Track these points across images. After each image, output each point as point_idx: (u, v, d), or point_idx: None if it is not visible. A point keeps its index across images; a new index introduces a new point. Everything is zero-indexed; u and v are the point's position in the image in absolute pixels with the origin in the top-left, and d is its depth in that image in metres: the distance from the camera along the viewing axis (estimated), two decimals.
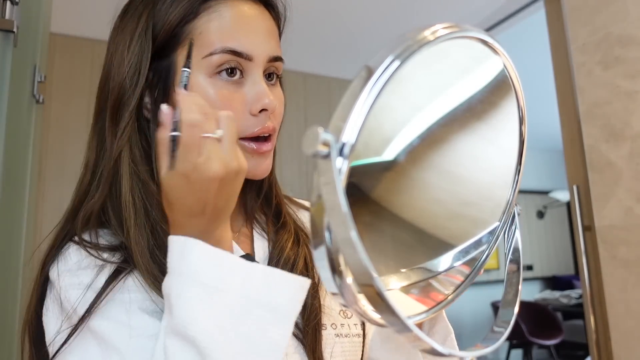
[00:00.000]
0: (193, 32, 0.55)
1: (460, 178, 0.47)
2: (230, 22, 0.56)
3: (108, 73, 0.59)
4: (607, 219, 1.44)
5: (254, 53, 0.56)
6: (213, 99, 0.54)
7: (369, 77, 0.33)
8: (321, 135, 0.32)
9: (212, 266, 0.45)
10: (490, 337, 0.44)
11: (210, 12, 0.56)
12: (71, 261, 0.53)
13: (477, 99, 0.45)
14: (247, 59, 0.55)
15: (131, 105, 0.56)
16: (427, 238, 0.46)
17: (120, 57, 0.57)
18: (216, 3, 0.56)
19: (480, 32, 0.42)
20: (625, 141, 1.39)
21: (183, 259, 0.46)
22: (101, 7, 2.32)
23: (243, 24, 0.56)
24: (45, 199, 2.30)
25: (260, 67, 0.57)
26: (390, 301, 0.31)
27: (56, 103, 2.53)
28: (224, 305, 0.44)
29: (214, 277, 0.45)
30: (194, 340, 0.43)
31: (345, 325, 0.62)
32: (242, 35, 0.56)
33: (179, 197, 0.46)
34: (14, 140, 1.04)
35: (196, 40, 0.55)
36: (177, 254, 0.46)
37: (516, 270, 0.49)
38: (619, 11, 1.41)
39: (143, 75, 0.56)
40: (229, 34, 0.55)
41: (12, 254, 1.09)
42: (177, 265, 0.46)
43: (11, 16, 0.95)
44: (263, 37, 0.57)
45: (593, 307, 1.57)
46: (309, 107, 3.28)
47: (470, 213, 0.49)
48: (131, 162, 0.56)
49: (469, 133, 0.45)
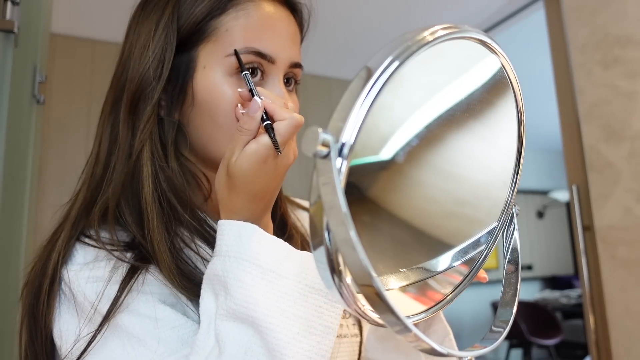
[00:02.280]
0: (219, 28, 0.54)
1: (456, 177, 0.47)
2: (257, 22, 0.55)
3: (126, 63, 0.57)
4: (606, 219, 1.44)
5: (277, 56, 0.55)
6: (230, 98, 0.53)
7: (368, 77, 0.34)
8: (321, 135, 0.32)
9: (269, 251, 0.47)
10: (489, 337, 0.44)
11: (239, 10, 0.55)
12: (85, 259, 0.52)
13: (473, 98, 0.45)
14: (269, 62, 0.55)
15: (154, 98, 0.55)
16: (425, 237, 0.46)
17: (143, 47, 0.56)
18: (244, 0, 0.56)
19: (480, 33, 0.42)
20: (625, 141, 1.39)
21: (241, 243, 0.47)
22: (101, 7, 2.33)
23: (269, 26, 0.56)
24: (45, 199, 2.30)
25: (281, 71, 0.56)
26: (389, 301, 0.31)
27: (56, 103, 2.53)
28: (282, 289, 0.46)
29: (272, 261, 0.46)
30: (255, 321, 0.44)
31: (344, 325, 0.62)
32: (267, 37, 0.55)
33: (249, 181, 0.48)
34: (14, 141, 1.04)
35: (221, 37, 0.54)
36: (233, 237, 0.47)
37: (515, 270, 0.50)
38: (618, 11, 1.41)
39: (167, 68, 0.55)
40: (254, 34, 0.54)
41: (12, 254, 1.09)
42: (235, 248, 0.47)
43: (12, 17, 0.95)
44: (287, 42, 0.57)
45: (593, 307, 1.57)
46: (309, 107, 3.28)
47: (466, 212, 0.50)
48: (153, 158, 0.54)
49: (465, 132, 0.46)
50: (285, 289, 0.46)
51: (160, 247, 0.51)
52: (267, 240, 0.48)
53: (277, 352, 0.43)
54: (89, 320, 0.49)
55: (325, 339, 0.46)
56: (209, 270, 0.48)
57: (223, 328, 0.45)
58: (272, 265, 0.46)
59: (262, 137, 0.47)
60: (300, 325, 0.45)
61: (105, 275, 0.50)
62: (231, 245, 0.47)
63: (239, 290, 0.45)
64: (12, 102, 0.98)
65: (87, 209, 0.56)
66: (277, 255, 0.47)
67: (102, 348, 0.48)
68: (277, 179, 0.49)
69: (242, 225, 0.48)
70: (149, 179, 0.54)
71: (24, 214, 1.16)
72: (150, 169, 0.54)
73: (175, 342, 0.48)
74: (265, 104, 0.48)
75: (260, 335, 0.44)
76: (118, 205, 0.55)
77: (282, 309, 0.45)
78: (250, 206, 0.49)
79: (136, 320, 0.48)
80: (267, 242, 0.47)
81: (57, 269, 0.52)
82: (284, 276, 0.46)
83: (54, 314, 0.51)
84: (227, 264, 0.46)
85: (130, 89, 0.55)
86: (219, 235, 0.48)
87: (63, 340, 0.50)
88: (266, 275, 0.46)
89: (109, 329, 0.48)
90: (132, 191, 0.55)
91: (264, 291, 0.45)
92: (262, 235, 0.48)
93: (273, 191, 0.50)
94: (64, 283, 0.51)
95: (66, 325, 0.50)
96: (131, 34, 0.59)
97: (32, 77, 1.18)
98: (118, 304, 0.48)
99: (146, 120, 0.54)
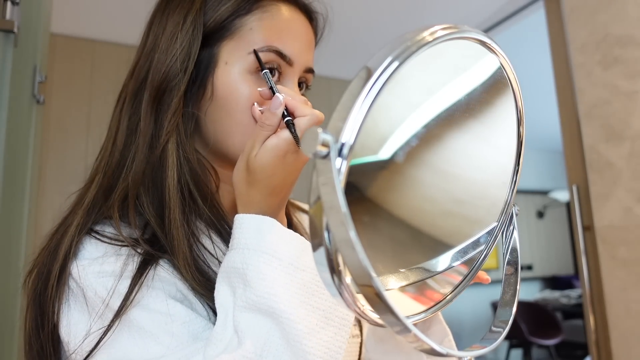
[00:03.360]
0: (243, 27, 0.56)
1: (455, 177, 0.47)
2: (279, 25, 0.57)
3: (150, 54, 0.58)
4: (606, 219, 1.44)
5: (295, 59, 0.57)
6: (247, 95, 0.55)
7: (368, 77, 0.34)
8: (320, 135, 0.32)
9: (288, 245, 0.48)
10: (489, 337, 0.44)
11: (264, 12, 0.57)
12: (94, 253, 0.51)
13: (473, 98, 0.45)
14: (288, 63, 0.57)
15: (180, 90, 0.55)
16: (424, 237, 0.46)
17: (170, 39, 0.56)
18: (269, 3, 0.58)
19: (479, 33, 0.42)
20: (625, 141, 1.39)
21: (261, 236, 0.47)
22: (101, 7, 2.33)
23: (291, 29, 0.58)
24: (45, 199, 2.30)
25: (297, 74, 0.58)
26: (389, 301, 0.31)
27: (56, 103, 2.53)
28: (301, 282, 0.46)
29: (290, 255, 0.47)
30: (275, 312, 0.45)
31: None
32: (288, 39, 0.57)
33: (268, 175, 0.49)
34: (14, 140, 1.04)
35: (245, 35, 0.56)
36: (253, 231, 0.48)
37: (514, 270, 0.50)
38: (619, 11, 1.41)
39: (192, 61, 0.56)
40: (277, 35, 0.56)
41: (12, 254, 1.09)
42: (254, 242, 0.47)
43: (11, 17, 0.95)
44: (305, 46, 0.59)
45: (593, 307, 1.57)
46: None
47: (466, 212, 0.50)
48: (179, 149, 0.55)
49: (465, 132, 0.46)
50: (304, 281, 0.46)
51: (180, 237, 0.52)
52: (285, 234, 0.48)
53: (297, 342, 0.44)
54: (99, 316, 0.49)
55: (342, 330, 0.47)
56: (226, 263, 0.49)
57: (242, 319, 0.46)
58: (291, 258, 0.47)
59: (282, 132, 0.48)
60: (319, 317, 0.46)
61: (116, 270, 0.50)
62: (250, 238, 0.48)
63: (260, 282, 0.46)
64: (12, 102, 0.98)
65: (105, 195, 0.56)
66: (295, 249, 0.48)
67: (113, 343, 0.48)
68: (294, 174, 0.50)
69: (261, 219, 0.49)
70: (174, 169, 0.55)
71: (24, 214, 1.16)
72: (175, 160, 0.55)
73: (187, 337, 0.48)
74: (286, 101, 0.49)
75: (279, 327, 0.45)
76: (137, 194, 0.55)
77: (302, 301, 0.46)
78: (268, 200, 0.50)
79: (148, 315, 0.49)
80: (286, 236, 0.48)
81: (69, 256, 0.51)
82: (302, 269, 0.47)
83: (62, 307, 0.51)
84: (247, 257, 0.47)
85: (156, 80, 0.56)
86: (237, 229, 0.49)
87: (71, 336, 0.50)
88: (285, 267, 0.47)
89: (120, 324, 0.48)
90: (154, 181, 0.55)
91: (283, 283, 0.46)
92: (281, 229, 0.48)
93: (289, 186, 0.51)
94: (71, 278, 0.51)
95: (74, 320, 0.50)
96: (155, 26, 0.59)
97: (32, 77, 1.18)
98: (130, 299, 0.48)
99: (173, 112, 0.55)
